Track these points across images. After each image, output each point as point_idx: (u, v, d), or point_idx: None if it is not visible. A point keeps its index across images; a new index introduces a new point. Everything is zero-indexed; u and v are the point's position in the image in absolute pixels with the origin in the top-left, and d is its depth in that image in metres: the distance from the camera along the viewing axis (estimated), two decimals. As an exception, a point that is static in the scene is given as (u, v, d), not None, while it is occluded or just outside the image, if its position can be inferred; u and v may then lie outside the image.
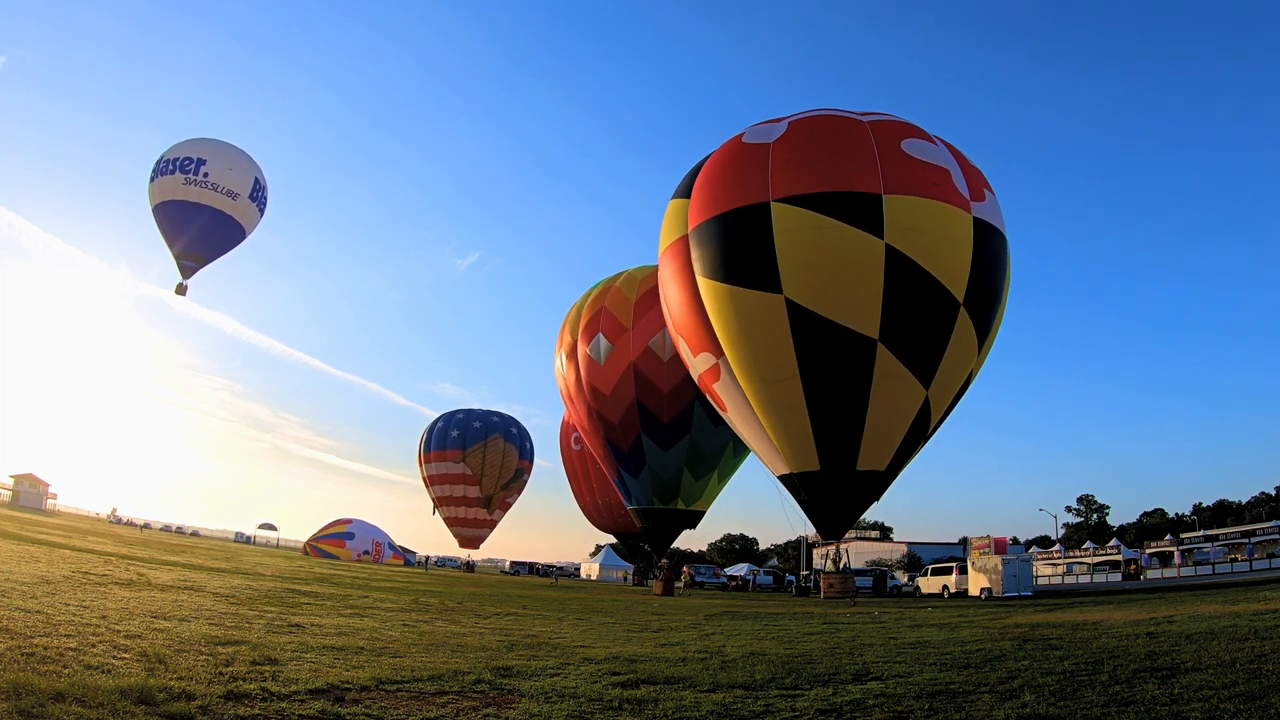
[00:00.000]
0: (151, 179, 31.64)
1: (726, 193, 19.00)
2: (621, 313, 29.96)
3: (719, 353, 19.22)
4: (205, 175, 30.85)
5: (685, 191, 20.47)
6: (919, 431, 18.85)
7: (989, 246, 18.57)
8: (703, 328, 19.40)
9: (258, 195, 32.67)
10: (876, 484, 19.43)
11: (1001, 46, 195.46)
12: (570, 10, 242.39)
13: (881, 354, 17.52)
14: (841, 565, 27.87)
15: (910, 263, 17.35)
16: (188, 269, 32.09)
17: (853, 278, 17.49)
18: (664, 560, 37.13)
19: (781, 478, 20.33)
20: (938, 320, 17.78)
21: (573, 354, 31.68)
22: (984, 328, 18.77)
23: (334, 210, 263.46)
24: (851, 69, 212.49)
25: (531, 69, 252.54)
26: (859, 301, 17.45)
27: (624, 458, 31.14)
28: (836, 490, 19.21)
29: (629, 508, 33.18)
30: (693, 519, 33.11)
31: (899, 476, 20.14)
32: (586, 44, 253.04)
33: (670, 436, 29.90)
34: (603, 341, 30.36)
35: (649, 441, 30.15)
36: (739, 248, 18.38)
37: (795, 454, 19.06)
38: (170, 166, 31.08)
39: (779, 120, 19.83)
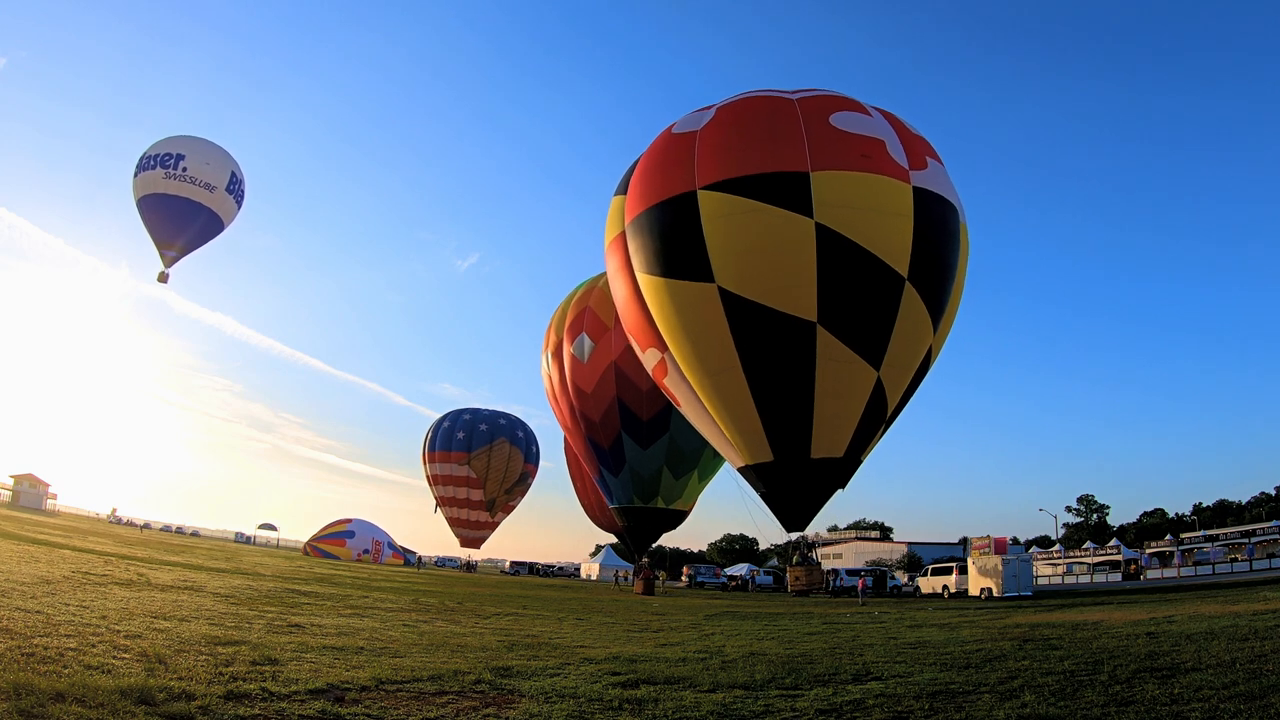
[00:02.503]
0: (135, 174, 33.26)
1: (656, 185, 18.69)
2: (604, 311, 29.89)
3: (664, 347, 18.93)
4: (184, 170, 32.50)
5: (624, 187, 20.21)
6: (876, 415, 18.29)
7: (933, 216, 17.78)
8: (647, 323, 19.13)
9: (234, 188, 34.27)
10: (835, 471, 18.84)
11: (1005, 48, 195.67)
12: (570, 11, 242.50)
13: (822, 337, 16.96)
14: (809, 558, 27.43)
15: (844, 240, 16.72)
16: (169, 258, 33.74)
17: (784, 261, 16.93)
18: (644, 559, 37.26)
19: (740, 471, 19.98)
20: (880, 298, 17.14)
21: (558, 353, 31.81)
22: (936, 302, 18.07)
23: (334, 211, 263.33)
24: (854, 72, 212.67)
25: (531, 70, 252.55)
26: (793, 285, 16.91)
27: (605, 456, 31.21)
28: (793, 481, 18.73)
29: (610, 506, 33.26)
30: (674, 518, 33.08)
31: (866, 463, 19.61)
32: (586, 45, 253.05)
33: (650, 435, 29.93)
34: (586, 340, 30.40)
35: (629, 440, 30.19)
36: (669, 240, 18.08)
37: (748, 446, 18.65)
38: (151, 162, 32.71)
39: (710, 108, 19.49)
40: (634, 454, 30.41)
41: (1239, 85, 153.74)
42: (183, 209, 32.78)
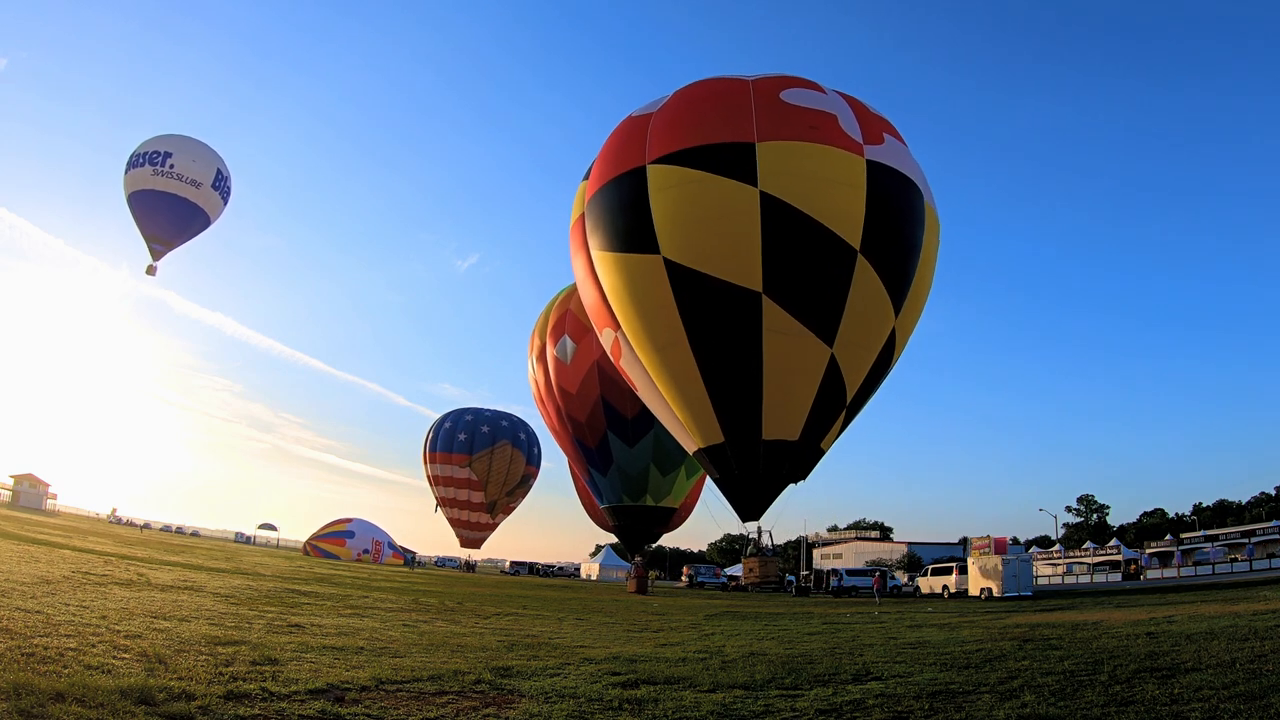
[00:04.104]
0: (125, 172, 34.85)
1: (610, 164, 18.73)
2: (584, 313, 30.26)
3: (616, 326, 18.81)
4: (171, 166, 34.11)
5: (588, 173, 20.31)
6: (833, 398, 17.69)
7: (888, 190, 17.31)
8: (601, 302, 18.98)
9: (220, 184, 35.82)
10: (791, 456, 18.17)
11: (1008, 46, 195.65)
12: (571, 11, 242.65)
13: (768, 307, 16.50)
14: (764, 549, 26.57)
15: (789, 208, 16.34)
16: (156, 251, 35.39)
17: (727, 229, 16.64)
18: (637, 558, 37.49)
19: (694, 456, 19.56)
20: (830, 269, 16.66)
21: (541, 357, 32.18)
22: (896, 281, 17.51)
23: (335, 211, 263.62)
24: (858, 71, 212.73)
25: (532, 70, 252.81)
26: (737, 253, 16.55)
27: (592, 456, 31.45)
28: (745, 463, 18.10)
29: (601, 506, 33.45)
30: (664, 516, 33.20)
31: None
32: (587, 45, 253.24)
33: (635, 433, 30.13)
34: (568, 342, 30.73)
35: (615, 439, 30.44)
36: (619, 214, 18.07)
37: (700, 427, 18.23)
38: (140, 160, 34.32)
39: (670, 95, 19.65)
40: (620, 452, 30.65)
41: (1244, 82, 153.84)
42: (170, 204, 34.32)
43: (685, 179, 17.06)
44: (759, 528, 22.26)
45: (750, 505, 19.15)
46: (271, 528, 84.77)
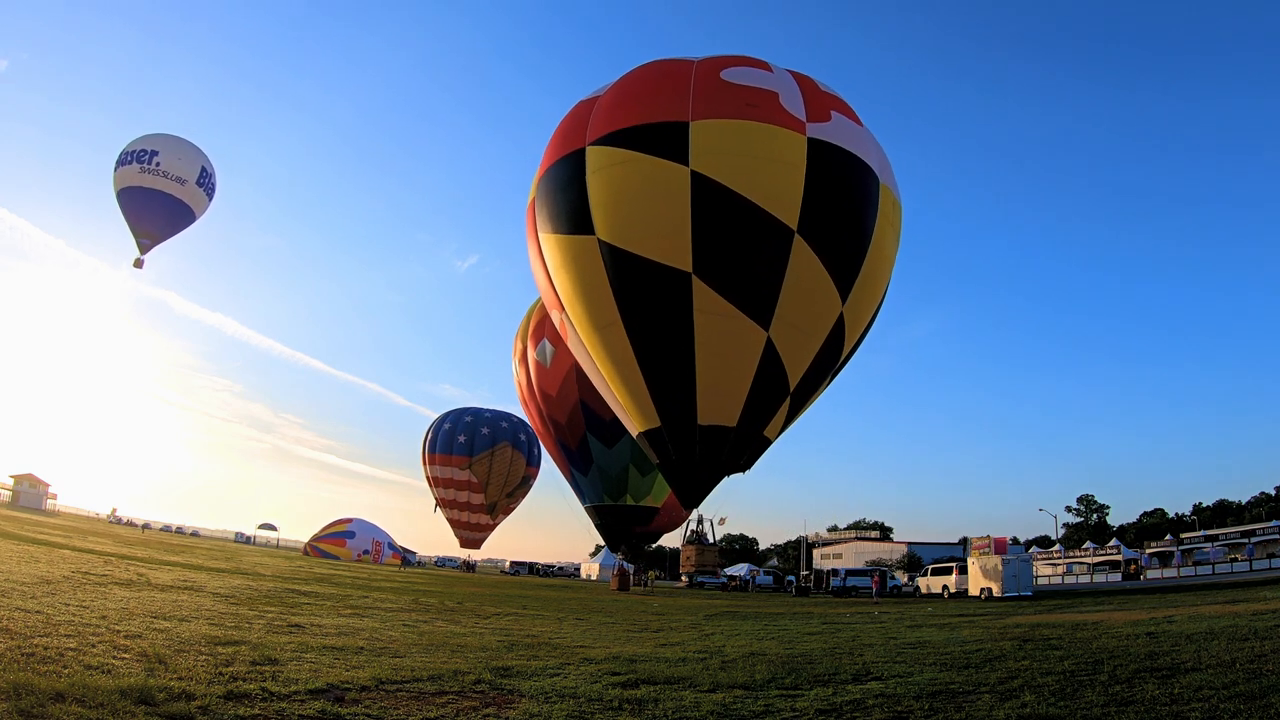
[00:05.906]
0: (115, 170, 36.06)
1: (556, 148, 18.82)
2: None
3: (561, 307, 18.89)
4: (157, 164, 35.42)
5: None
6: (774, 383, 17.32)
7: (831, 168, 16.78)
8: (549, 284, 19.07)
9: (205, 181, 37.12)
10: (730, 442, 17.82)
11: (1008, 50, 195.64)
12: (569, 13, 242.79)
13: (698, 288, 16.27)
14: (702, 536, 26.35)
15: (719, 187, 16.07)
16: (144, 246, 36.66)
17: (657, 209, 16.47)
18: (621, 556, 37.85)
19: (637, 440, 19.48)
20: (764, 249, 16.28)
21: (524, 360, 32.76)
22: (842, 265, 17.00)
23: (335, 212, 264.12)
24: (862, 74, 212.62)
25: (530, 72, 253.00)
26: (667, 233, 16.37)
27: (573, 457, 32.01)
28: (682, 449, 17.89)
29: (584, 506, 33.85)
30: (644, 515, 33.76)
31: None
32: (585, 47, 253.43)
33: (613, 433, 30.49)
34: (547, 346, 31.25)
35: (594, 440, 31.01)
36: (560, 196, 18.10)
37: (639, 409, 18.16)
38: (129, 158, 35.65)
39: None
40: (600, 453, 31.13)
41: (1243, 87, 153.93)
42: (156, 201, 35.56)
43: (617, 159, 16.98)
44: (700, 515, 22.31)
45: (690, 492, 19.01)
46: (271, 528, 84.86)
